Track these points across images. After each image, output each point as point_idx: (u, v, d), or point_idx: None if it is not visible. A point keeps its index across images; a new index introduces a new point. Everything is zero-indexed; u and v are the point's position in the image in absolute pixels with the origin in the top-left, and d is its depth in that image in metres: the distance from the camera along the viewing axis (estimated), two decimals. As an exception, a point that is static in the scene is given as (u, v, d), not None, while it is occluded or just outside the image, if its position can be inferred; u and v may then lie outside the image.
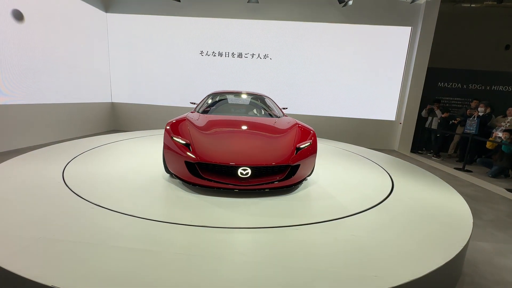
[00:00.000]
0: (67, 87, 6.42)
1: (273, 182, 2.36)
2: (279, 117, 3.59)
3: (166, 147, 2.53)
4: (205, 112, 3.60)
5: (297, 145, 2.53)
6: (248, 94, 4.24)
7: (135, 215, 1.92)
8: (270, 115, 3.66)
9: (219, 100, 4.08)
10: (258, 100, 4.21)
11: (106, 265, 1.38)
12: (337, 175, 3.27)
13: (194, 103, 4.45)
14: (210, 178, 2.30)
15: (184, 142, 2.45)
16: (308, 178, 2.91)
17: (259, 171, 2.34)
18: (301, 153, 2.50)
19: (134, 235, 1.69)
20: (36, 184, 2.36)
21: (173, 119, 2.85)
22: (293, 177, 2.43)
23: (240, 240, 1.71)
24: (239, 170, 2.25)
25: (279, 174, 2.40)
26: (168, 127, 2.64)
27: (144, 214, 1.94)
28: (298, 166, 2.44)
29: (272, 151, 2.44)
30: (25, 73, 5.33)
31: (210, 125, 2.85)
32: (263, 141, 2.59)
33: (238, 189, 2.30)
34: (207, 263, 1.45)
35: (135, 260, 1.43)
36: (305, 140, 2.65)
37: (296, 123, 3.02)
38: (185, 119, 2.85)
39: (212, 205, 2.17)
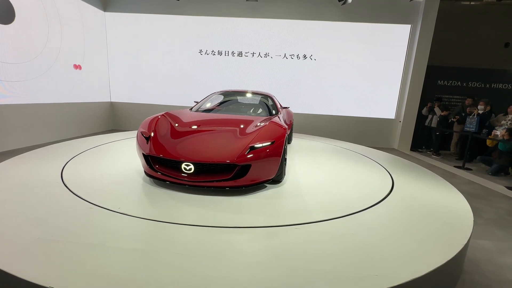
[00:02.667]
0: (65, 87, 6.40)
1: (219, 181, 2.28)
2: (272, 115, 3.48)
3: (136, 139, 2.64)
4: (203, 110, 3.61)
5: (252, 144, 2.35)
6: (248, 93, 4.23)
7: (134, 215, 1.91)
8: (270, 113, 3.64)
9: (218, 99, 4.09)
10: (257, 98, 4.19)
11: (105, 265, 1.37)
12: (337, 174, 3.26)
13: (197, 102, 4.45)
14: (160, 171, 2.38)
15: (146, 136, 2.55)
16: (281, 180, 2.73)
17: (203, 168, 2.30)
18: (256, 153, 2.31)
19: (133, 235, 1.68)
20: (34, 184, 2.35)
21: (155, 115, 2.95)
22: (244, 178, 2.30)
23: (240, 239, 1.70)
24: (183, 165, 2.28)
25: (229, 173, 2.30)
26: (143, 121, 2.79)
27: (143, 214, 1.93)
28: (249, 166, 2.29)
29: (221, 149, 2.33)
30: (23, 72, 5.30)
31: (182, 121, 2.87)
32: (219, 139, 2.49)
33: (184, 184, 2.32)
34: (207, 263, 1.44)
35: (134, 261, 1.42)
36: (268, 139, 2.43)
37: (270, 122, 2.79)
38: (162, 115, 2.93)
39: (211, 205, 2.16)
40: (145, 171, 2.54)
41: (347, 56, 7.61)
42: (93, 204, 2.03)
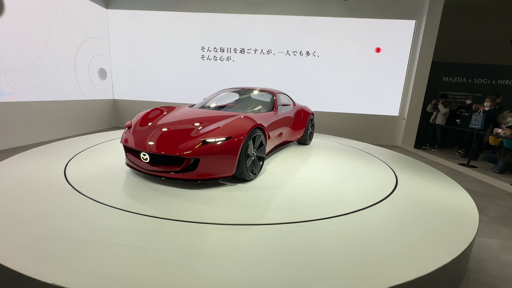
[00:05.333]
0: (68, 84, 6.42)
1: (169, 172, 2.36)
2: (266, 112, 3.42)
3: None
4: (200, 107, 3.63)
5: (204, 139, 2.32)
6: (255, 90, 4.13)
7: (136, 212, 1.91)
8: (271, 110, 3.59)
9: (222, 96, 4.06)
10: (261, 96, 4.14)
11: (107, 262, 1.37)
12: (340, 171, 3.23)
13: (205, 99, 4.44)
14: (130, 159, 2.60)
15: (127, 127, 2.79)
16: (248, 179, 2.60)
17: (158, 159, 2.41)
18: (207, 148, 2.29)
19: (135, 232, 1.68)
20: (38, 181, 2.36)
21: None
22: (194, 171, 2.31)
23: (242, 237, 1.69)
24: (141, 155, 2.43)
25: (180, 165, 2.33)
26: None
27: (146, 211, 1.93)
28: (198, 160, 2.28)
29: (174, 142, 2.38)
30: (27, 70, 5.32)
31: (164, 115, 2.99)
32: (178, 133, 2.53)
33: (144, 172, 2.50)
34: (209, 260, 1.43)
35: (136, 258, 1.42)
36: (224, 135, 2.38)
37: (239, 117, 2.71)
38: (154, 109, 3.13)
39: (213, 202, 2.16)
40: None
41: (350, 52, 7.53)
42: (96, 201, 2.04)
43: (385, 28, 7.32)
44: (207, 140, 2.33)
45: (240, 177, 2.56)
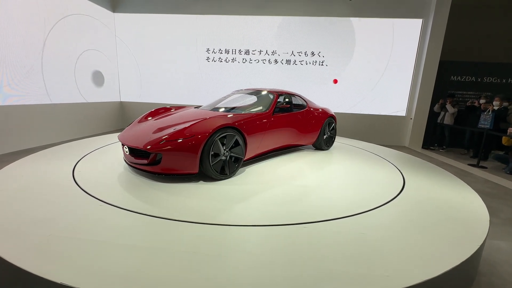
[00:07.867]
0: (76, 87, 6.53)
1: (140, 164, 2.59)
2: (261, 113, 3.39)
3: None
4: (207, 108, 3.66)
5: (169, 136, 2.48)
6: (263, 91, 4.07)
7: (144, 212, 1.92)
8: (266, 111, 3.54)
9: (229, 97, 4.06)
10: (264, 97, 4.11)
11: (115, 262, 1.38)
12: (346, 172, 3.20)
13: None
14: (124, 153, 2.82)
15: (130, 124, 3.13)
16: (217, 179, 2.62)
17: (135, 152, 2.64)
18: (169, 144, 2.42)
19: (143, 232, 1.69)
20: (46, 182, 2.40)
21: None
22: (158, 166, 2.47)
23: (247, 238, 1.69)
24: (124, 147, 2.71)
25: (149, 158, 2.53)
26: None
27: (153, 211, 1.95)
28: (161, 155, 2.43)
29: (146, 138, 2.59)
30: (35, 73, 5.44)
31: (164, 114, 3.23)
32: (158, 131, 2.69)
33: (128, 164, 2.78)
34: (215, 261, 1.43)
35: (144, 258, 1.43)
36: (189, 134, 2.46)
37: (210, 117, 2.75)
38: (164, 107, 3.48)
39: (219, 202, 2.16)
40: None
41: (356, 52, 7.47)
42: (103, 201, 2.06)
43: (391, 27, 7.24)
44: (171, 138, 2.48)
45: (207, 175, 2.62)
